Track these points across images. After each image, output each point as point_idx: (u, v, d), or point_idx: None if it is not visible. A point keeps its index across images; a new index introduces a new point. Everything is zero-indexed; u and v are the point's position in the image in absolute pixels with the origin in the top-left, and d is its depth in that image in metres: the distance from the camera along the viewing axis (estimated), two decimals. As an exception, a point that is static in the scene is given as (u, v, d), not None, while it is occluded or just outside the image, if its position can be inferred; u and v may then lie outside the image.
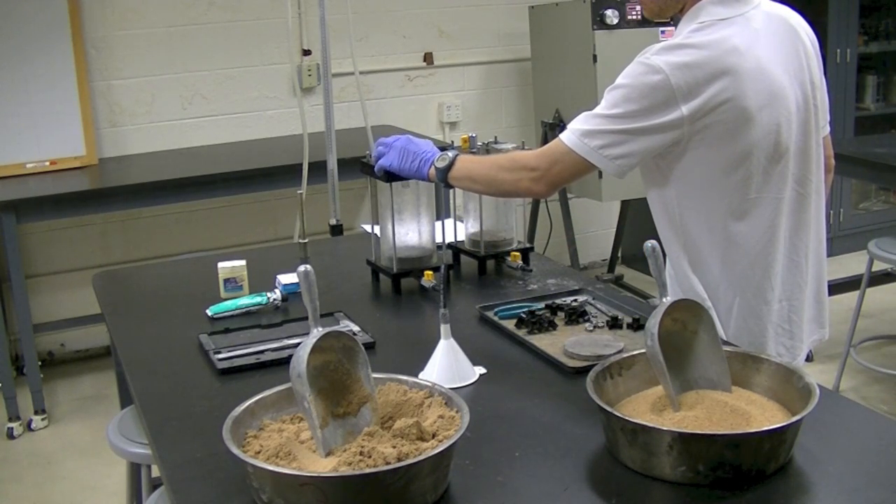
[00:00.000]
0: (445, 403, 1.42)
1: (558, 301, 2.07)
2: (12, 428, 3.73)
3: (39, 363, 3.97)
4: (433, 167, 2.01)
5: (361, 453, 1.28)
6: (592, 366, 1.53)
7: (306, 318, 1.42)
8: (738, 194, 1.82)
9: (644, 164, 1.87)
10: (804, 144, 1.87)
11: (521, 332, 1.91)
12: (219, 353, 1.88)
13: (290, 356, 1.39)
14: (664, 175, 1.86)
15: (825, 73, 1.97)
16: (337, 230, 3.21)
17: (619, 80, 1.79)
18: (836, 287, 3.47)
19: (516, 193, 2.01)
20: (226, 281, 2.26)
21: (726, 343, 1.71)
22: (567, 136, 1.82)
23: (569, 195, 4.66)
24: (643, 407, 1.47)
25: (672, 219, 1.90)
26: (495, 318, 2.00)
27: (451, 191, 2.18)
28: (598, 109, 1.80)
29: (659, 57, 1.75)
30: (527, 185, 1.89)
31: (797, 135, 1.84)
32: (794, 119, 1.83)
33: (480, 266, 2.36)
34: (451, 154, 1.99)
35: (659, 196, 1.91)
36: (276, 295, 2.19)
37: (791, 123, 1.82)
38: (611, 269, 5.21)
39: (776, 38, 1.83)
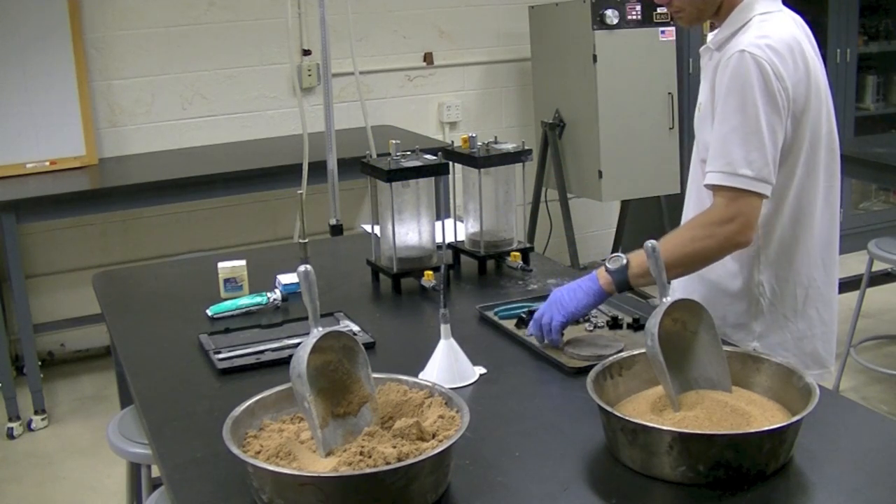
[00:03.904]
0: (445, 403, 1.42)
1: (558, 301, 2.07)
2: (12, 428, 3.73)
3: (39, 363, 3.97)
4: (607, 273, 1.79)
5: (361, 453, 1.28)
6: (592, 366, 1.53)
7: (306, 318, 1.42)
8: (806, 184, 1.86)
9: None
10: (832, 137, 1.92)
11: (521, 332, 1.91)
12: (219, 353, 1.88)
13: (290, 356, 1.39)
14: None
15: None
16: (337, 230, 3.20)
17: (730, 82, 1.75)
18: (836, 287, 3.47)
19: (728, 252, 1.83)
20: (226, 281, 2.26)
21: (726, 343, 1.71)
22: (734, 181, 1.74)
23: (569, 195, 4.65)
24: (643, 407, 1.47)
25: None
26: (495, 318, 2.00)
27: (451, 190, 2.17)
28: (733, 125, 1.74)
29: (758, 50, 1.75)
30: (736, 241, 1.77)
31: (827, 126, 1.89)
32: (826, 111, 1.88)
33: (480, 266, 2.35)
34: (622, 258, 1.79)
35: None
36: (276, 295, 2.19)
37: (830, 115, 1.88)
38: (611, 269, 5.20)
39: (806, 34, 1.88)
